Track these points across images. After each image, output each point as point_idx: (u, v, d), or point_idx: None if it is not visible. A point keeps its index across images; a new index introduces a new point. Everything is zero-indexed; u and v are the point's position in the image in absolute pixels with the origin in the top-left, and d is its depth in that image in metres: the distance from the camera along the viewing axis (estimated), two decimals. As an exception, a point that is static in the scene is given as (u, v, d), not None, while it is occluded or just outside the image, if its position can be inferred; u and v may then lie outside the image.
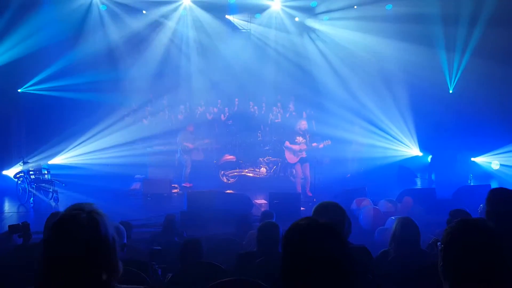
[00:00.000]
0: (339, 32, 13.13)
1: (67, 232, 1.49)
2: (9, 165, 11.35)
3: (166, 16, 12.84)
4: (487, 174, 12.31)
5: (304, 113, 12.85)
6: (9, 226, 4.09)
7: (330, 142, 9.78)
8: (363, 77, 13.23)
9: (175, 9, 12.73)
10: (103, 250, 1.51)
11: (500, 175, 12.24)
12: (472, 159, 12.98)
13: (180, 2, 12.51)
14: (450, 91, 13.24)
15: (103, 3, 12.16)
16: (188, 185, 10.89)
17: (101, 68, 12.18)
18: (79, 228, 1.49)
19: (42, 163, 11.14)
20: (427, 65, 12.16)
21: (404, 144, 13.43)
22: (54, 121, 11.91)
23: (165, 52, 13.25)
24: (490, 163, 12.66)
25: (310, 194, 9.77)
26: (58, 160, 12.08)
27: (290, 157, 9.91)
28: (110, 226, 1.57)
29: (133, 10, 12.29)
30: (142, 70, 12.87)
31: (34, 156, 11.39)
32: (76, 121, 12.04)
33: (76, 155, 12.15)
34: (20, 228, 4.04)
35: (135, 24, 12.50)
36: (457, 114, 12.55)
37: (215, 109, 13.52)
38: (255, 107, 13.59)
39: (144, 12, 12.57)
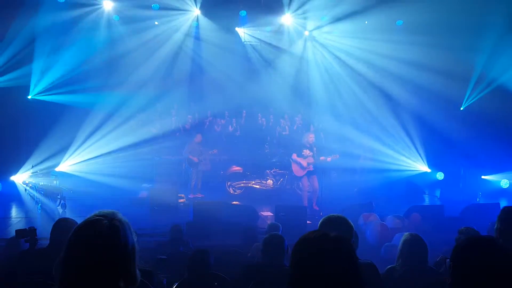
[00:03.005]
0: (349, 46, 13.16)
1: (87, 237, 1.51)
2: (18, 171, 11.44)
3: (177, 27, 12.96)
4: (497, 192, 12.17)
5: (311, 126, 12.85)
6: (16, 230, 4.12)
7: (338, 156, 9.74)
8: (372, 91, 13.22)
9: (186, 20, 12.87)
10: (121, 257, 1.52)
11: (510, 193, 12.09)
12: (483, 177, 12.84)
13: (191, 13, 12.64)
14: (461, 108, 13.16)
15: (116, 14, 12.31)
16: (193, 196, 10.90)
17: (111, 77, 12.30)
18: (99, 234, 1.50)
19: (50, 169, 11.26)
20: (442, 81, 12.07)
21: (413, 160, 13.34)
22: (63, 128, 12.00)
23: (174, 62, 13.36)
24: (500, 181, 12.52)
25: (317, 208, 9.69)
26: (66, 167, 12.15)
27: (297, 170, 9.88)
28: (131, 235, 1.58)
29: (145, 21, 12.42)
30: (152, 79, 12.98)
31: (43, 163, 11.47)
32: (86, 129, 12.13)
33: (85, 163, 12.21)
34: (27, 233, 4.07)
35: (146, 34, 12.65)
36: (468, 131, 12.44)
37: (223, 121, 13.57)
38: (263, 119, 13.63)
39: (156, 23, 12.71)
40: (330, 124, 13.05)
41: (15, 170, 11.55)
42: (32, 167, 10.66)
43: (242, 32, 13.62)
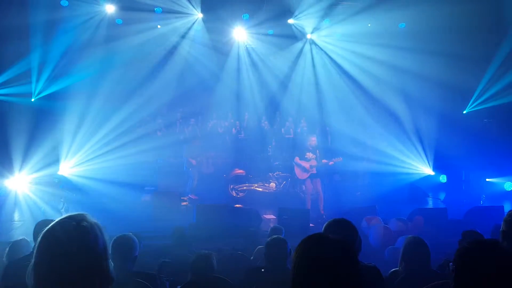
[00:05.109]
0: (352, 49, 13.15)
1: (55, 240, 1.50)
2: (22, 173, 11.45)
3: (179, 31, 12.98)
4: (501, 195, 12.12)
5: (317, 129, 12.84)
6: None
7: (341, 159, 9.73)
8: (376, 94, 13.19)
9: (188, 24, 12.88)
10: (92, 258, 1.52)
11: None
12: (488, 179, 12.79)
13: (193, 17, 12.66)
14: (464, 112, 13.10)
15: (119, 17, 12.34)
16: (194, 197, 10.91)
17: (114, 80, 12.32)
18: (67, 236, 1.49)
19: (54, 172, 11.27)
20: (448, 85, 12.02)
21: (417, 163, 13.27)
22: (63, 130, 12.00)
23: (177, 66, 13.36)
24: (504, 183, 12.47)
25: (323, 212, 9.62)
26: (69, 170, 12.15)
27: (300, 173, 9.86)
28: (102, 235, 1.57)
29: (148, 25, 12.44)
30: (155, 83, 13.00)
31: (45, 165, 11.47)
32: (87, 132, 12.14)
33: (87, 166, 12.19)
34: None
35: (149, 37, 12.65)
36: (471, 134, 12.40)
37: (226, 123, 13.58)
38: (266, 122, 13.63)
39: (158, 26, 12.74)
40: (334, 127, 13.04)
41: (18, 173, 11.56)
42: (35, 170, 10.65)
43: (245, 35, 13.63)
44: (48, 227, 1.54)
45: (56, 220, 1.56)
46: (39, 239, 1.53)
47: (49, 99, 12.13)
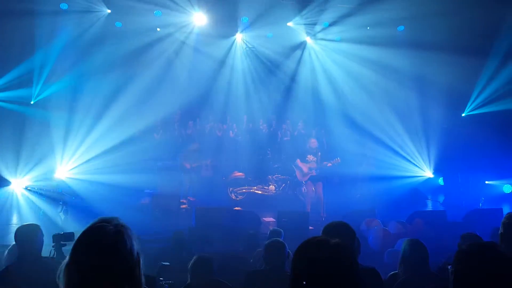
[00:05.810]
0: (351, 51, 13.16)
1: (94, 243, 1.52)
2: (20, 177, 11.42)
3: (178, 33, 12.99)
4: (499, 197, 12.12)
5: (313, 131, 12.84)
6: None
7: (339, 160, 9.74)
8: (374, 97, 13.19)
9: (188, 27, 12.89)
10: (127, 262, 1.53)
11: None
12: (487, 182, 12.78)
13: (192, 19, 12.67)
14: (463, 115, 13.10)
15: (118, 20, 12.34)
16: (187, 200, 10.92)
17: (113, 82, 12.32)
18: (106, 240, 1.51)
19: (52, 175, 11.24)
20: (447, 87, 12.03)
21: (416, 165, 13.24)
22: (65, 132, 11.97)
23: (176, 68, 13.35)
24: (503, 186, 12.47)
25: (324, 215, 9.60)
26: (67, 173, 12.11)
27: (300, 175, 9.88)
28: (135, 240, 1.59)
29: (147, 27, 12.45)
30: (153, 84, 12.98)
31: (43, 168, 11.44)
32: (86, 133, 12.12)
33: (86, 169, 12.15)
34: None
35: (149, 40, 12.65)
36: (470, 136, 12.39)
37: (225, 126, 13.56)
38: (264, 125, 13.62)
39: (158, 29, 12.75)
40: (333, 128, 13.04)
41: (17, 176, 11.54)
42: (34, 173, 10.62)
43: (243, 38, 13.64)
44: (86, 230, 1.55)
45: (92, 223, 1.58)
46: (77, 240, 1.54)
47: (46, 100, 12.11)
